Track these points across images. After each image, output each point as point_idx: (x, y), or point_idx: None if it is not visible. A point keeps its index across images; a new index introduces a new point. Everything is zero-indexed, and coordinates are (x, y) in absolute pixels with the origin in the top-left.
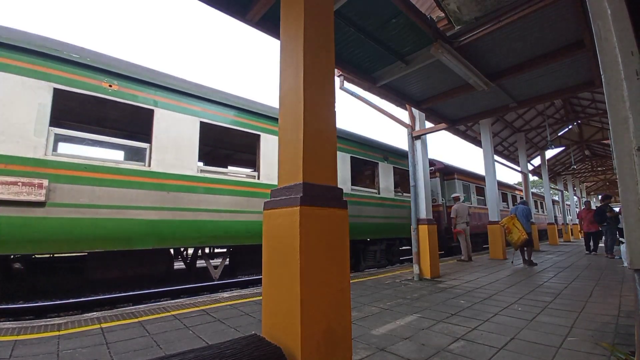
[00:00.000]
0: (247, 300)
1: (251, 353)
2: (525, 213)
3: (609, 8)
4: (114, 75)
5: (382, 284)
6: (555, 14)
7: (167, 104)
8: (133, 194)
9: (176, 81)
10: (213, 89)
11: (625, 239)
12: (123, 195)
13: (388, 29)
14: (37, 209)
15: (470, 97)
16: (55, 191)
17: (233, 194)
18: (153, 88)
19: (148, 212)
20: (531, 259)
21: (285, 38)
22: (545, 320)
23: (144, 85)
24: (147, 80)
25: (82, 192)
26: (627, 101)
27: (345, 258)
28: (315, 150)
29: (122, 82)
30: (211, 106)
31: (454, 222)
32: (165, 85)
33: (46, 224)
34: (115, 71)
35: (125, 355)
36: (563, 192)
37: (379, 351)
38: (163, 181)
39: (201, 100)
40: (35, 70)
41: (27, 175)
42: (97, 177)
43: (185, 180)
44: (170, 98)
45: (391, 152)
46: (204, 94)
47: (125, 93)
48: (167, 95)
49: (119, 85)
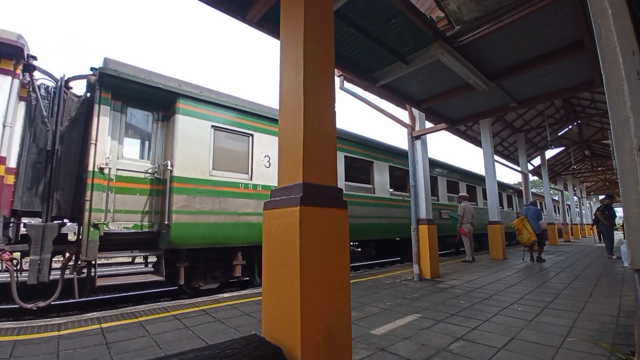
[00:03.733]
0: (247, 300)
1: (251, 353)
2: (536, 215)
3: (610, 7)
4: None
5: (382, 284)
6: (555, 14)
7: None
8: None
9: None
10: None
11: (625, 239)
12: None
13: (388, 29)
14: None
15: (470, 97)
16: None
17: None
18: (252, 117)
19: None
20: (540, 256)
21: (285, 38)
22: (545, 320)
23: (246, 115)
24: (247, 110)
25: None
26: (628, 101)
27: (346, 258)
28: (315, 151)
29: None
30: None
31: (460, 222)
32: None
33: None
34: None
35: (125, 355)
36: (563, 192)
37: (378, 351)
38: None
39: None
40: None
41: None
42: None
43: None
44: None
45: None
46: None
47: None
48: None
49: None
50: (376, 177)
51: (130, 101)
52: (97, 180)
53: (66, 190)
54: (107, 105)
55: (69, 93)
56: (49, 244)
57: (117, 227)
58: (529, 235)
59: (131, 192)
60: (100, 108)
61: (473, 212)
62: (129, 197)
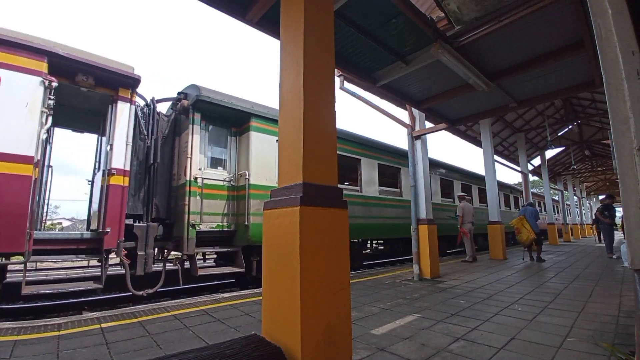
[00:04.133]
0: (247, 300)
1: (251, 353)
2: (534, 214)
3: (610, 7)
4: None
5: (382, 284)
6: (555, 13)
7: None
8: None
9: (372, 143)
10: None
11: (625, 239)
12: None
13: (388, 29)
14: None
15: (470, 97)
16: None
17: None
18: (358, 146)
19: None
20: (540, 256)
21: (285, 38)
22: (545, 320)
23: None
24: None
25: None
26: (628, 101)
27: (345, 258)
28: (316, 150)
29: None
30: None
31: (460, 222)
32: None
33: None
34: None
35: (125, 355)
36: (563, 192)
37: (378, 351)
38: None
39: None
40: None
41: None
42: None
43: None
44: (368, 150)
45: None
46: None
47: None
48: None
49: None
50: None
51: (211, 120)
52: (193, 188)
53: (162, 196)
54: (198, 125)
55: (161, 113)
56: (151, 241)
57: (206, 227)
58: (528, 233)
59: (214, 198)
60: (194, 127)
61: (473, 211)
62: (213, 202)
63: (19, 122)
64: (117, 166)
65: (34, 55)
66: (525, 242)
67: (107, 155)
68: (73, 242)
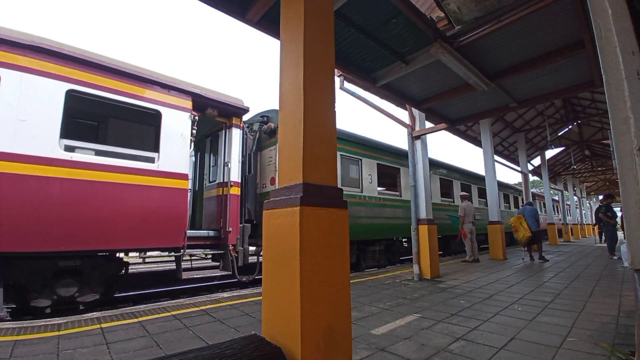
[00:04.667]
0: (247, 300)
1: (251, 353)
2: (533, 213)
3: (610, 7)
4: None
5: (382, 284)
6: (555, 13)
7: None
8: None
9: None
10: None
11: (625, 239)
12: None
13: (388, 29)
14: None
15: (470, 97)
16: None
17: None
18: (360, 146)
19: None
20: (542, 255)
21: (285, 38)
22: (545, 320)
23: (357, 145)
24: (357, 142)
25: None
26: (628, 101)
27: (345, 258)
28: (315, 150)
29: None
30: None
31: (461, 222)
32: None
33: None
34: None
35: (125, 355)
36: (563, 192)
37: (379, 351)
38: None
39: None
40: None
41: None
42: None
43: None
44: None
45: None
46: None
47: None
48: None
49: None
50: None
51: None
52: None
53: (252, 201)
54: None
55: (247, 133)
56: (246, 239)
57: None
58: (525, 232)
59: None
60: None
61: (474, 211)
62: None
63: (178, 148)
64: (234, 179)
65: (184, 95)
66: (522, 240)
67: (225, 171)
68: (202, 239)
